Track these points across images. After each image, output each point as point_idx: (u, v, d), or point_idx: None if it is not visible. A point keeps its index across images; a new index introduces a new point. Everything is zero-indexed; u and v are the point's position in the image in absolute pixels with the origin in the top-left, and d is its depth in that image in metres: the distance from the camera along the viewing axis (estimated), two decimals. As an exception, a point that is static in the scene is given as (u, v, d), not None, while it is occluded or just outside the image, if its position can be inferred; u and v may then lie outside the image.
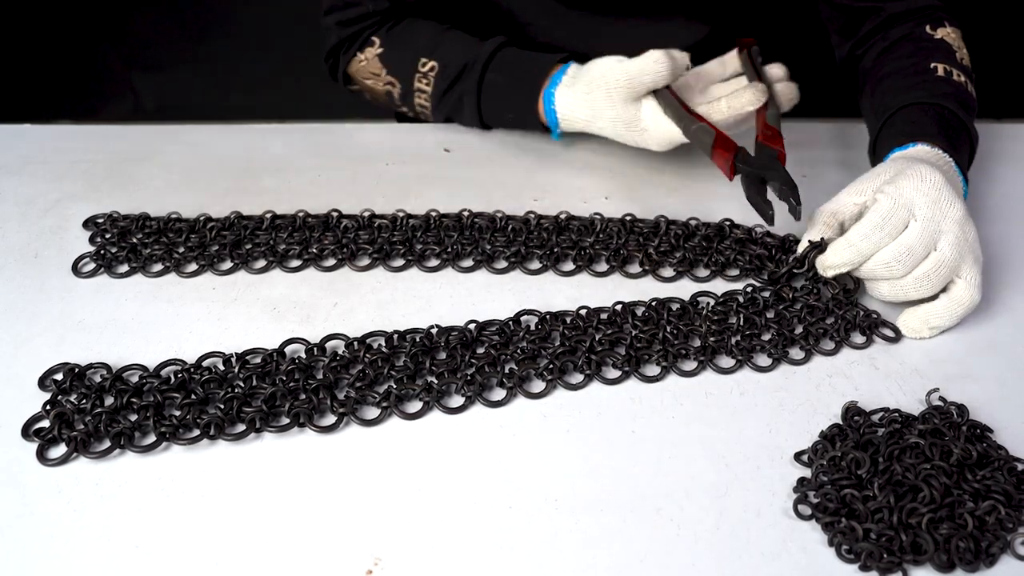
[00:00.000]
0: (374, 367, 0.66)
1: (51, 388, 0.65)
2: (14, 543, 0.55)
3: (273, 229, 0.80)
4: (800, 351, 0.69)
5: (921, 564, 0.54)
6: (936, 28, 0.91)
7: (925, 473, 0.58)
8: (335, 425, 0.63)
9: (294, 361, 0.67)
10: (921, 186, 0.70)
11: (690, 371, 0.67)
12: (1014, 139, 0.99)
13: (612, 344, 0.69)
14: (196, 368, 0.66)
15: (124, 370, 0.66)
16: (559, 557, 0.55)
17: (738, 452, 0.61)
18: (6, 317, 0.72)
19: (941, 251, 0.69)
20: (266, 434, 0.62)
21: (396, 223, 0.81)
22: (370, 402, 0.64)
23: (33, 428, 0.62)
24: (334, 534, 0.56)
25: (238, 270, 0.77)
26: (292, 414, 0.63)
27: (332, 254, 0.78)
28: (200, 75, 2.09)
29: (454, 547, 0.55)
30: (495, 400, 0.65)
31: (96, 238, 0.80)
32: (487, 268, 0.77)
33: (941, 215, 0.69)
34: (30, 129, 0.99)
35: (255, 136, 0.98)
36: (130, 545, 0.55)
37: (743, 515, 0.57)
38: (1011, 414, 0.64)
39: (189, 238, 0.79)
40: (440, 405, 0.64)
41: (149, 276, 0.77)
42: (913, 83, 0.86)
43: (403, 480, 0.59)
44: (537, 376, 0.67)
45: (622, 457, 0.61)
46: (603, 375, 0.67)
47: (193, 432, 0.62)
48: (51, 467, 0.60)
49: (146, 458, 0.61)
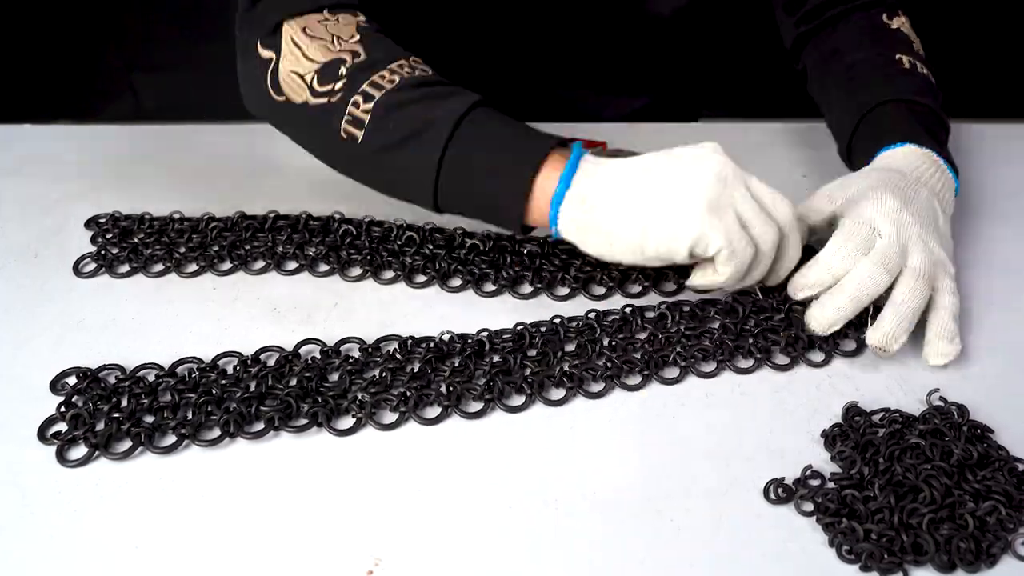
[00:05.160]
0: (389, 371, 0.66)
1: (64, 391, 0.65)
2: (17, 543, 0.55)
3: (273, 231, 0.80)
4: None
5: (922, 564, 0.54)
6: (892, 17, 0.90)
7: (926, 473, 0.58)
8: (352, 428, 0.63)
9: (307, 363, 0.67)
10: (880, 207, 0.69)
11: (709, 372, 0.67)
12: (1014, 139, 0.99)
13: (625, 349, 0.69)
14: (212, 367, 0.66)
15: (139, 369, 0.66)
16: (559, 557, 0.55)
17: (738, 452, 0.61)
18: (6, 317, 0.72)
19: (912, 263, 0.68)
20: (266, 436, 0.62)
21: (391, 232, 0.80)
22: (382, 407, 0.64)
23: (50, 431, 0.62)
24: (334, 535, 0.56)
25: (237, 271, 0.77)
26: (310, 414, 0.63)
27: (325, 259, 0.78)
28: (200, 75, 2.08)
29: (454, 547, 0.55)
30: (513, 406, 0.65)
31: (97, 238, 0.80)
32: (475, 289, 0.75)
33: (905, 232, 0.68)
34: (30, 129, 0.99)
35: (255, 136, 0.98)
36: (129, 545, 0.55)
37: (743, 515, 0.57)
38: (1011, 414, 0.64)
39: (191, 238, 0.79)
40: (459, 410, 0.64)
41: (149, 276, 0.77)
42: (885, 78, 0.85)
43: (403, 481, 0.59)
44: (555, 385, 0.66)
45: (622, 457, 0.61)
46: (623, 381, 0.66)
47: (213, 432, 0.62)
48: (71, 468, 0.60)
49: (145, 459, 0.61)
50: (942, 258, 0.70)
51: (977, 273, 0.78)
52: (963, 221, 0.85)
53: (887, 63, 0.86)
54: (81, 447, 0.61)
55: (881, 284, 0.67)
